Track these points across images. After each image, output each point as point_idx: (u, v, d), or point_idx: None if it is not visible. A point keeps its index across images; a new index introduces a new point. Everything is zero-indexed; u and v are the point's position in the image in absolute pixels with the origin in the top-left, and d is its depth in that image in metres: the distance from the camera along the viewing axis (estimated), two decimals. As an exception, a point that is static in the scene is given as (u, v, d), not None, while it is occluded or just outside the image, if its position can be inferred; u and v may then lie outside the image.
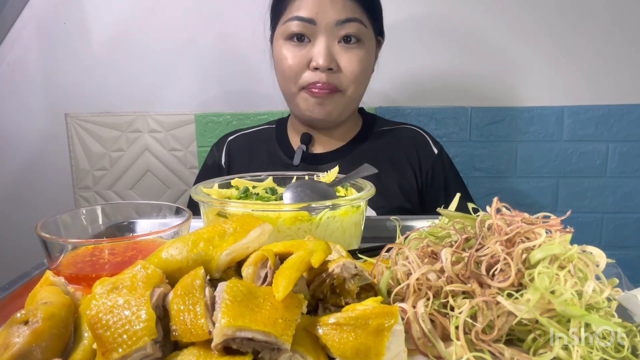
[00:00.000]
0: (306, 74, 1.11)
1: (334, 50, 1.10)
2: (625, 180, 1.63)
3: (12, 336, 0.43)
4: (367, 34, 1.12)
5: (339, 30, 1.08)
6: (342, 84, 1.11)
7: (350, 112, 1.21)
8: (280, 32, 1.14)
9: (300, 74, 1.11)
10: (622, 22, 1.54)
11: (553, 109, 1.60)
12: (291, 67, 1.11)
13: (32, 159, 1.69)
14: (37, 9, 1.59)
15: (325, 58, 1.07)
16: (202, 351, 0.41)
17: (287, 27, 1.11)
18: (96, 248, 0.62)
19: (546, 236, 0.50)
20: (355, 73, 1.11)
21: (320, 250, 0.49)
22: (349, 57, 1.10)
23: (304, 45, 1.10)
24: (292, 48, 1.11)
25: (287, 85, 1.15)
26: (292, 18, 1.09)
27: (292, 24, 1.10)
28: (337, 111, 1.15)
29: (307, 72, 1.11)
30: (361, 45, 1.12)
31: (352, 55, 1.10)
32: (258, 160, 1.26)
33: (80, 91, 1.63)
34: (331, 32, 1.09)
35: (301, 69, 1.11)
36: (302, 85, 1.12)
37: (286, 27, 1.11)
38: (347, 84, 1.12)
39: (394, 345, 0.43)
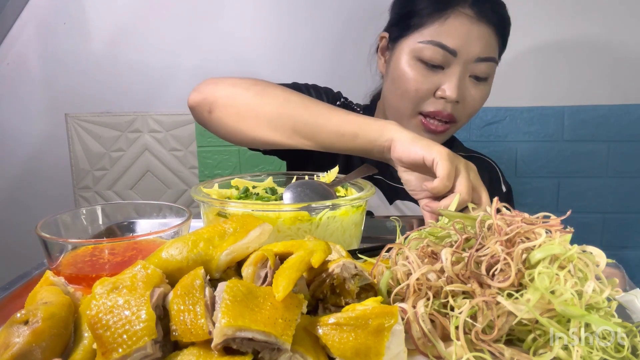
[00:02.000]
0: (430, 101, 1.05)
1: (464, 84, 1.04)
2: (626, 180, 1.63)
3: (12, 336, 0.43)
4: (494, 70, 1.09)
5: (475, 67, 1.03)
6: (459, 116, 1.07)
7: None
8: (410, 48, 1.05)
9: (424, 99, 1.05)
10: (622, 22, 1.54)
11: (553, 109, 1.60)
12: (418, 91, 1.04)
13: (32, 159, 1.69)
14: (37, 9, 1.59)
15: (456, 92, 1.02)
16: (202, 351, 0.41)
17: (422, 48, 1.02)
18: (96, 248, 0.62)
19: (546, 236, 0.50)
20: (476, 108, 1.08)
21: (320, 250, 0.49)
22: (476, 93, 1.06)
23: (436, 72, 1.03)
24: (423, 71, 1.04)
25: (404, 105, 1.08)
26: (433, 42, 1.01)
27: (431, 48, 1.01)
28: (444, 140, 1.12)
29: (432, 99, 1.05)
30: (487, 81, 1.08)
31: (479, 92, 1.06)
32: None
33: (80, 91, 1.64)
34: (467, 66, 1.03)
35: (427, 95, 1.05)
36: (420, 111, 1.06)
37: (421, 48, 1.03)
38: (465, 117, 1.09)
39: (394, 345, 0.43)
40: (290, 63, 1.63)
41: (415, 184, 0.82)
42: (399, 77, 1.07)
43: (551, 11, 1.55)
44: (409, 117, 1.08)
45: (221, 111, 0.95)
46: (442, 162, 0.75)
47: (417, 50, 1.03)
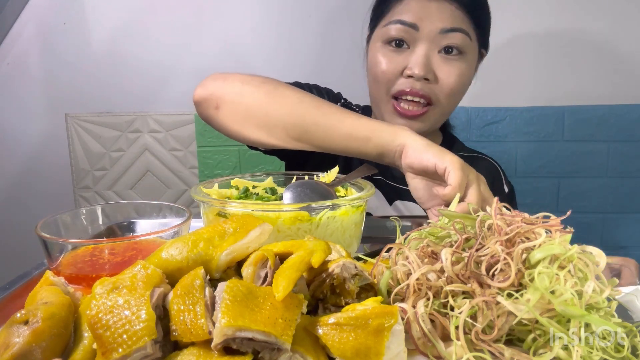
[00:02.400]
0: (399, 82, 1.04)
1: (433, 60, 1.02)
2: (625, 180, 1.63)
3: (12, 336, 0.43)
4: (470, 46, 1.05)
5: (441, 40, 1.01)
6: (436, 96, 1.04)
7: (438, 126, 1.15)
8: (378, 35, 1.07)
9: (393, 80, 1.05)
10: (623, 21, 1.54)
11: (553, 109, 1.60)
12: (385, 72, 1.04)
13: (32, 159, 1.69)
14: (37, 9, 1.59)
15: (422, 67, 1.00)
16: (202, 351, 0.41)
17: (387, 30, 1.04)
18: (96, 248, 0.62)
19: (546, 236, 0.50)
20: (452, 87, 1.04)
21: (320, 250, 0.49)
22: (448, 69, 1.03)
23: (402, 51, 1.04)
24: (389, 53, 1.05)
25: (377, 90, 1.08)
26: (394, 21, 1.03)
27: (392, 27, 1.03)
28: (428, 126, 1.09)
29: (401, 80, 1.04)
30: (463, 57, 1.04)
31: (452, 68, 1.03)
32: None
33: (80, 91, 1.64)
34: (433, 40, 1.02)
35: (395, 76, 1.04)
36: (393, 93, 1.05)
37: (386, 30, 1.04)
38: (442, 97, 1.05)
39: (394, 345, 0.43)
40: (291, 63, 1.63)
41: (424, 192, 0.82)
42: (372, 64, 1.08)
43: (551, 11, 1.55)
44: (385, 104, 1.08)
45: (229, 108, 0.94)
46: (455, 171, 0.75)
47: (383, 34, 1.05)
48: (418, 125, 1.06)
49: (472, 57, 1.07)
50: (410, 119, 1.06)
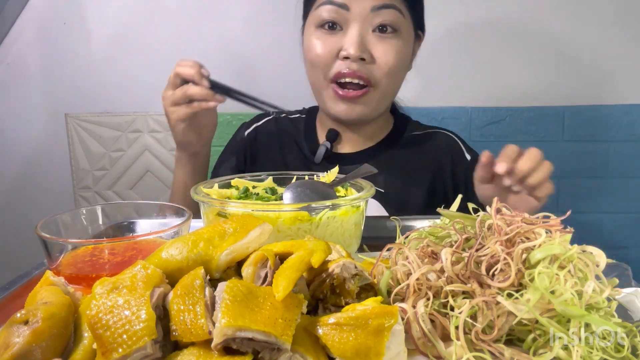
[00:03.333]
0: (336, 64, 1.03)
1: (368, 40, 1.02)
2: (625, 180, 1.63)
3: (12, 336, 0.43)
4: (404, 23, 1.05)
5: (373, 18, 1.01)
6: (374, 77, 1.03)
7: (382, 110, 1.13)
8: (311, 20, 1.07)
9: (329, 64, 1.04)
10: (623, 22, 1.54)
11: (553, 109, 1.60)
12: (320, 55, 1.04)
13: (32, 159, 1.69)
14: (37, 9, 1.59)
15: (357, 47, 0.99)
16: (202, 351, 0.41)
17: (318, 13, 1.04)
18: (96, 248, 0.62)
19: (546, 236, 0.50)
20: (390, 65, 1.03)
21: (320, 250, 0.49)
22: (384, 48, 1.02)
23: (335, 33, 1.03)
24: (323, 36, 1.04)
25: (315, 76, 1.07)
26: (324, 3, 1.03)
27: (323, 9, 1.03)
28: (369, 110, 1.08)
29: (337, 62, 1.03)
30: (398, 35, 1.04)
31: (387, 46, 1.02)
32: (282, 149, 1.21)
33: (80, 91, 1.64)
34: (365, 19, 1.01)
35: (331, 59, 1.03)
36: (331, 77, 1.04)
37: (317, 14, 1.04)
38: (380, 77, 1.04)
39: (394, 345, 0.43)
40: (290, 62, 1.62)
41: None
42: (307, 50, 1.08)
43: (551, 11, 1.55)
44: (325, 89, 1.07)
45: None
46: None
47: (315, 18, 1.05)
48: (360, 109, 1.07)
49: (407, 35, 1.06)
50: (351, 102, 1.05)
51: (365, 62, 1.02)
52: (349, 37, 1.01)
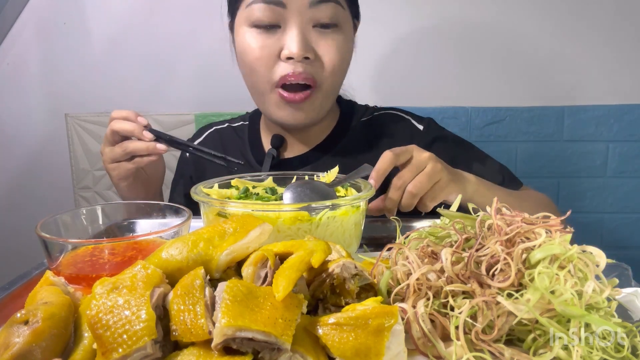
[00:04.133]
0: (279, 67, 0.95)
1: (309, 37, 0.94)
2: (625, 180, 1.63)
3: (12, 336, 0.43)
4: (344, 16, 0.97)
5: (313, 13, 0.93)
6: (319, 76, 0.96)
7: (327, 110, 1.06)
8: (242, 18, 0.97)
9: (271, 66, 0.95)
10: (623, 22, 1.54)
11: (553, 109, 1.60)
12: (260, 58, 0.95)
13: (32, 159, 1.69)
14: (37, 9, 1.59)
15: (300, 46, 0.91)
16: (202, 351, 0.41)
17: (250, 11, 0.94)
18: (96, 248, 0.62)
19: (546, 236, 0.50)
20: (335, 62, 0.96)
21: (320, 250, 0.49)
22: (327, 44, 0.95)
23: (274, 32, 0.94)
24: (259, 36, 0.94)
25: (256, 81, 0.98)
26: (255, 0, 0.93)
27: (256, 7, 0.93)
28: (314, 113, 1.02)
29: (280, 64, 0.95)
30: (339, 30, 0.96)
31: (330, 42, 0.95)
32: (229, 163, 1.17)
33: (80, 91, 1.64)
34: (304, 15, 0.92)
35: (272, 61, 0.95)
36: (273, 81, 0.96)
37: (250, 12, 0.94)
38: (325, 76, 0.97)
39: (394, 345, 0.43)
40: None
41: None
42: (241, 53, 0.99)
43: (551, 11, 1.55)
44: (268, 94, 0.99)
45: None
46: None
47: (248, 17, 0.95)
48: (304, 114, 1.00)
49: (348, 29, 1.00)
50: (295, 107, 0.98)
51: (309, 60, 0.94)
52: (290, 36, 0.93)
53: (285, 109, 0.99)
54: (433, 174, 0.84)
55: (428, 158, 0.85)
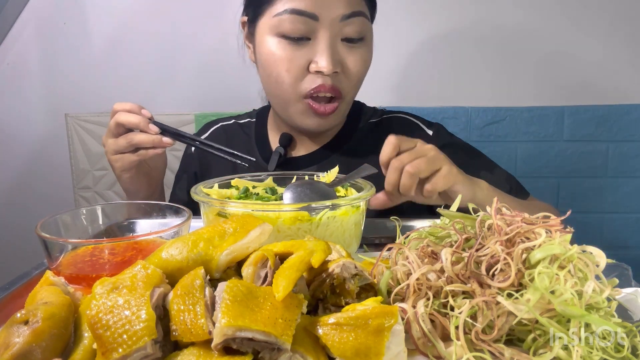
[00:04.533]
0: (307, 79, 0.95)
1: (338, 51, 0.95)
2: (625, 180, 1.63)
3: (12, 336, 0.43)
4: (369, 28, 1.00)
5: (343, 27, 0.93)
6: (345, 88, 0.98)
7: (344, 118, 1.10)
8: (268, 26, 0.95)
9: (299, 78, 0.95)
10: (622, 22, 1.54)
11: (553, 109, 1.60)
12: (289, 71, 0.95)
13: (32, 159, 1.69)
14: (37, 9, 1.59)
15: (330, 60, 0.92)
16: (202, 351, 0.41)
17: (279, 21, 0.93)
18: (96, 248, 0.62)
19: (546, 236, 0.50)
20: (360, 75, 0.99)
21: (320, 250, 0.49)
22: (355, 59, 0.97)
23: (303, 45, 0.94)
24: (288, 47, 0.94)
25: (282, 90, 0.98)
26: (287, 10, 0.92)
27: (287, 18, 0.92)
28: (337, 121, 1.05)
29: (309, 77, 0.95)
30: (365, 43, 0.99)
31: (358, 56, 0.97)
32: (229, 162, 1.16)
33: (80, 91, 1.64)
34: (335, 28, 0.93)
35: (300, 73, 0.95)
36: (301, 92, 0.97)
37: (278, 22, 0.93)
38: (350, 88, 0.99)
39: (394, 345, 0.43)
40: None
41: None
42: (267, 62, 0.97)
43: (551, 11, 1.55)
44: (295, 103, 0.99)
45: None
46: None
47: (276, 26, 0.94)
48: (330, 122, 1.03)
49: (370, 39, 1.01)
50: (322, 117, 1.00)
51: (337, 74, 0.96)
52: (321, 50, 0.93)
53: (312, 118, 1.01)
54: (433, 160, 0.82)
55: (431, 148, 0.84)
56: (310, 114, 1.00)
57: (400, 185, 0.82)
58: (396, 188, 0.83)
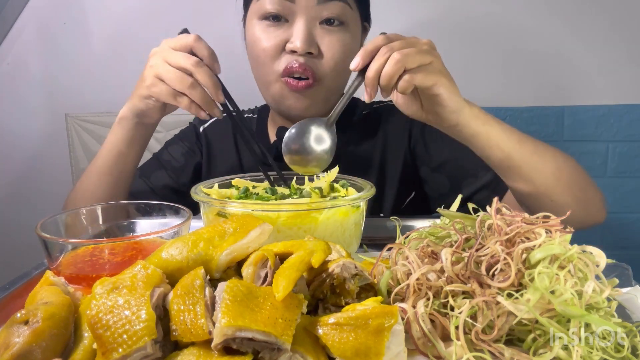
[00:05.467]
0: (283, 58, 0.98)
1: (315, 33, 0.97)
2: (625, 180, 1.63)
3: (12, 336, 0.43)
4: (352, 16, 1.00)
5: (320, 10, 0.96)
6: (320, 71, 0.99)
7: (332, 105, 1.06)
8: (253, 11, 1.01)
9: (276, 57, 0.99)
10: (622, 22, 1.54)
11: (553, 109, 1.60)
12: (266, 49, 0.98)
13: (32, 159, 1.69)
14: (37, 9, 1.59)
15: (304, 40, 0.95)
16: (202, 351, 0.41)
17: (261, 5, 0.98)
18: (96, 248, 0.62)
19: (546, 236, 0.50)
20: (336, 59, 0.99)
21: (320, 250, 0.49)
22: (331, 41, 0.98)
23: (281, 25, 0.98)
24: (267, 28, 0.99)
25: (262, 71, 1.02)
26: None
27: (266, 1, 0.97)
28: (318, 104, 1.04)
29: (284, 56, 0.98)
30: (345, 28, 0.99)
31: (335, 39, 0.98)
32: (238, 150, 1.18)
33: (80, 91, 1.64)
34: (311, 11, 0.96)
35: (277, 52, 0.98)
36: (278, 72, 0.99)
37: (260, 5, 0.98)
38: (327, 71, 1.00)
39: (394, 345, 0.43)
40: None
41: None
42: (251, 43, 1.03)
43: (551, 11, 1.55)
44: (274, 83, 1.02)
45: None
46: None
47: (258, 9, 0.99)
48: (307, 102, 1.02)
49: (355, 29, 1.02)
50: (299, 95, 1.01)
51: (312, 55, 0.98)
52: (296, 30, 0.96)
53: (290, 97, 1.02)
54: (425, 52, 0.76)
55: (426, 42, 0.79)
56: (287, 93, 1.01)
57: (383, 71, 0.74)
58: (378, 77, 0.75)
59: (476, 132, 0.82)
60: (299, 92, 1.00)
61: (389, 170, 1.12)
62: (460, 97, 0.81)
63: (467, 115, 0.82)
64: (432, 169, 1.09)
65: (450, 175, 1.06)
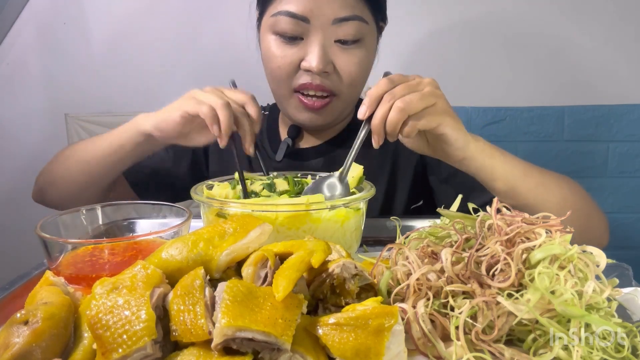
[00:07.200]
0: (298, 76, 0.99)
1: (330, 51, 0.97)
2: (625, 180, 1.63)
3: (12, 336, 0.43)
4: (367, 30, 0.99)
5: (335, 30, 0.95)
6: (337, 88, 1.00)
7: (346, 115, 1.11)
8: (268, 24, 0.99)
9: (291, 75, 0.99)
10: (623, 22, 1.54)
11: (553, 109, 1.60)
12: (281, 67, 0.98)
13: (32, 159, 1.69)
14: (37, 9, 1.59)
15: (320, 60, 0.94)
16: (202, 351, 0.41)
17: (276, 21, 0.96)
18: (96, 248, 0.62)
19: (546, 236, 0.50)
20: (353, 77, 1.00)
21: (320, 250, 0.49)
22: (347, 59, 0.98)
23: (296, 44, 0.97)
24: (282, 45, 0.98)
25: (277, 86, 1.03)
26: (281, 12, 0.95)
27: (281, 19, 0.95)
28: (332, 117, 1.06)
29: (300, 73, 0.98)
30: (361, 44, 0.99)
31: (350, 57, 0.98)
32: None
33: (80, 91, 1.63)
34: (327, 31, 0.95)
35: (293, 70, 0.98)
36: (294, 87, 1.00)
37: (275, 22, 0.96)
38: (343, 88, 1.00)
39: (394, 345, 0.43)
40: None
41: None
42: (265, 58, 1.03)
43: (551, 11, 1.55)
44: (288, 99, 1.03)
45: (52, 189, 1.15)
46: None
47: (272, 25, 0.98)
48: (323, 118, 1.04)
49: (370, 42, 1.02)
50: (315, 112, 1.02)
51: (327, 74, 0.98)
52: (311, 50, 0.95)
53: (305, 113, 1.03)
54: (428, 95, 0.77)
55: (428, 82, 0.79)
56: (302, 109, 1.02)
57: (387, 121, 0.76)
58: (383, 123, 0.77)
59: (482, 166, 0.84)
60: (314, 110, 1.01)
61: (400, 178, 1.13)
62: (465, 133, 0.82)
63: (473, 150, 0.83)
64: (441, 180, 1.09)
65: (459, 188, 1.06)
